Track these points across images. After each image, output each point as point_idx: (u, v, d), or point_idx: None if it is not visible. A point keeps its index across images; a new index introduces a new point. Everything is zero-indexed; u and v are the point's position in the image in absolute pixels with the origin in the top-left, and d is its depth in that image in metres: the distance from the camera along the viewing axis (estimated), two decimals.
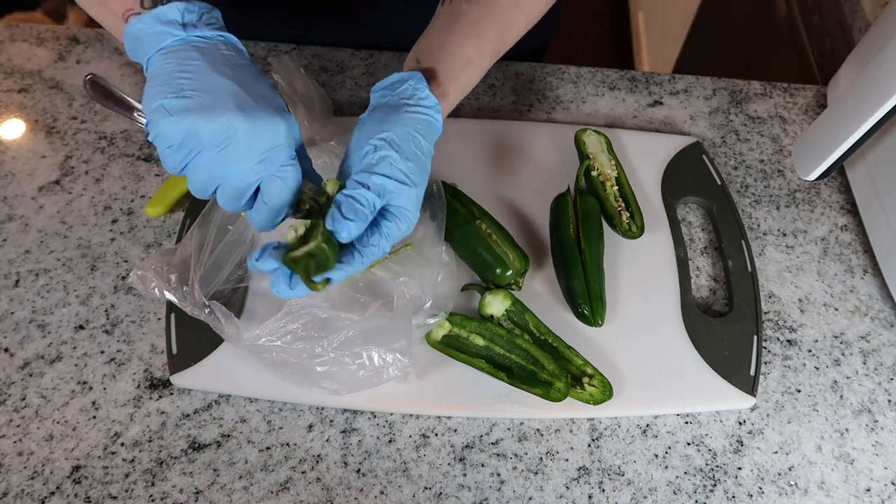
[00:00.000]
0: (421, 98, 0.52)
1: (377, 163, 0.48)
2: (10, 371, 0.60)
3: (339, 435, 0.58)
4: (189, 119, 0.43)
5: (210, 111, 0.43)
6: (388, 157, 0.48)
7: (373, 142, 0.49)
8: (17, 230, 0.68)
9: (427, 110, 0.52)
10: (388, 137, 0.49)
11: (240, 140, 0.44)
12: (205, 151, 0.44)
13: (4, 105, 0.78)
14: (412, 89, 0.52)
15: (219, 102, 0.43)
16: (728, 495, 0.57)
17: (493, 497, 0.56)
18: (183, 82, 0.44)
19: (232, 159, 0.44)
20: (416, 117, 0.51)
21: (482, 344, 0.60)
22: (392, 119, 0.50)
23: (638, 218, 0.68)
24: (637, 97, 0.83)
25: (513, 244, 0.64)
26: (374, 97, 0.54)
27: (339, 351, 0.55)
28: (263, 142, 0.45)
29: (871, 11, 0.88)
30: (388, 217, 0.49)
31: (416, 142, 0.50)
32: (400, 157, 0.49)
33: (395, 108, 0.52)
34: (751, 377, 0.61)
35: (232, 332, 0.56)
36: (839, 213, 0.74)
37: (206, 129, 0.43)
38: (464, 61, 0.56)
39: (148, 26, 0.45)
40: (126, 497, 0.55)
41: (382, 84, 0.54)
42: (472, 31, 0.56)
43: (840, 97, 0.61)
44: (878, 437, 0.60)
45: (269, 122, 0.45)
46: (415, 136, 0.50)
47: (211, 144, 0.43)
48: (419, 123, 0.51)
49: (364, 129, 0.51)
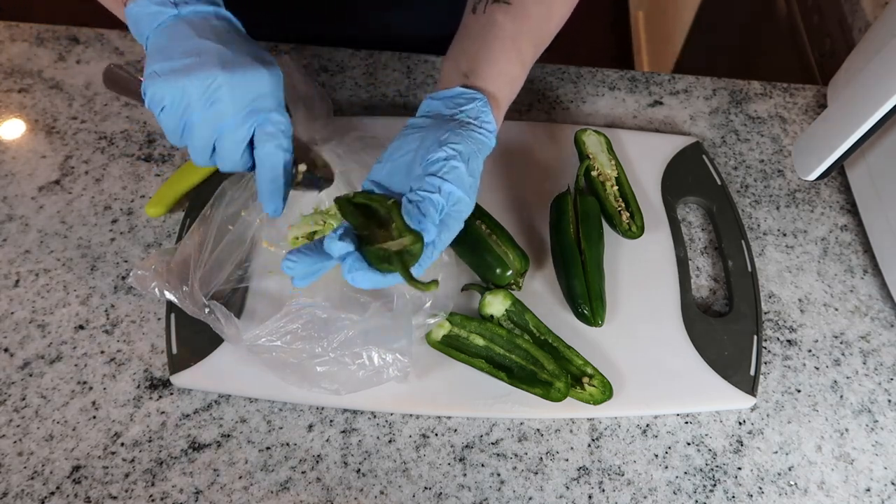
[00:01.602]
0: (485, 122, 0.53)
1: (449, 171, 0.48)
2: (10, 371, 0.60)
3: (339, 435, 0.58)
4: (175, 79, 0.46)
5: (194, 70, 0.46)
6: (458, 168, 0.49)
7: (446, 149, 0.49)
8: (17, 230, 0.68)
9: (489, 135, 0.53)
10: (460, 150, 0.49)
11: (224, 94, 0.46)
12: (195, 110, 0.46)
13: (4, 105, 0.78)
14: (478, 111, 0.53)
15: (203, 62, 0.46)
16: (728, 495, 0.57)
17: (493, 497, 0.56)
18: (172, 51, 0.47)
19: (222, 114, 0.47)
20: (480, 138, 0.52)
21: (482, 344, 0.60)
22: (462, 134, 0.51)
23: (638, 218, 0.68)
24: (637, 97, 0.83)
25: (513, 244, 0.64)
26: (431, 104, 0.54)
27: (339, 351, 0.55)
28: (247, 92, 0.47)
29: (871, 11, 0.88)
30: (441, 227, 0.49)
31: (478, 162, 0.51)
32: (466, 171, 0.49)
33: (462, 123, 0.52)
34: (751, 377, 0.61)
35: (232, 332, 0.56)
36: (839, 213, 0.74)
37: (192, 86, 0.46)
38: (510, 81, 0.56)
39: (143, 7, 0.48)
40: (126, 497, 0.55)
41: (443, 94, 0.54)
42: (513, 49, 0.56)
43: (840, 97, 0.61)
44: (878, 437, 0.60)
45: (251, 72, 0.47)
46: (478, 157, 0.51)
47: (199, 102, 0.46)
48: (482, 145, 0.52)
49: (429, 133, 0.51)
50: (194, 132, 0.48)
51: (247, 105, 0.47)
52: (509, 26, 0.56)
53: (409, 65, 0.83)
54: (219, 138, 0.48)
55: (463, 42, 0.57)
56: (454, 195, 0.48)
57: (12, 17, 0.89)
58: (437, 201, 0.47)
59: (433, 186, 0.48)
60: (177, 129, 0.48)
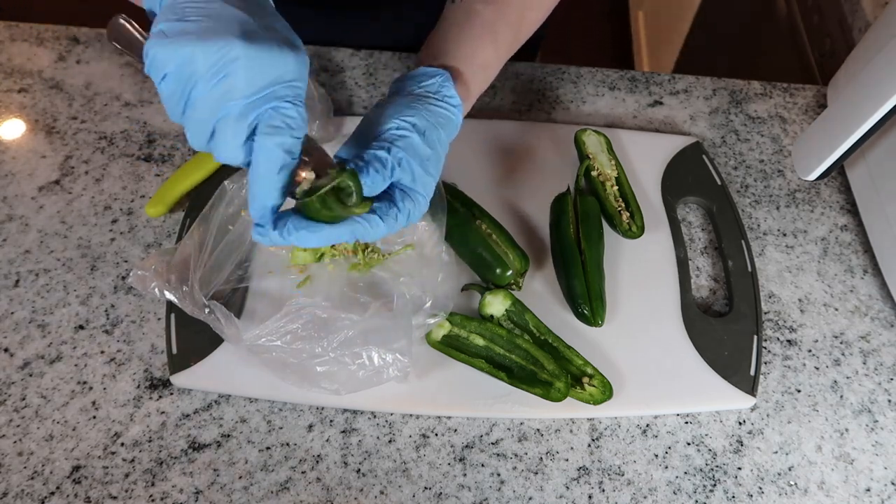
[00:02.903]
0: (447, 95, 0.52)
1: (398, 139, 0.48)
2: (10, 371, 0.60)
3: (339, 435, 0.58)
4: (185, 43, 0.38)
5: (209, 35, 0.39)
6: (410, 138, 0.48)
7: (397, 121, 0.49)
8: (17, 230, 0.68)
9: (452, 109, 0.52)
10: (413, 122, 0.49)
11: (238, 68, 0.39)
12: (200, 83, 0.39)
13: (4, 105, 0.78)
14: (438, 85, 0.52)
15: (221, 28, 0.39)
16: (728, 495, 0.57)
17: (493, 497, 0.56)
18: (188, 9, 0.40)
19: (231, 92, 0.40)
20: (440, 111, 0.51)
21: (482, 344, 0.60)
22: (418, 107, 0.50)
23: (638, 218, 0.68)
24: (637, 97, 0.83)
25: (513, 244, 0.64)
26: (395, 86, 0.54)
27: (339, 351, 0.55)
28: (266, 74, 0.40)
29: (871, 11, 0.88)
30: (402, 197, 0.49)
31: (438, 134, 0.50)
32: (422, 142, 0.49)
33: (420, 98, 0.51)
34: (751, 377, 0.61)
35: (232, 332, 0.56)
36: (839, 213, 0.74)
37: (203, 54, 0.38)
38: (482, 65, 0.56)
39: None
40: (126, 497, 0.55)
41: (406, 76, 0.54)
42: (488, 33, 0.56)
43: (840, 97, 0.61)
44: (878, 437, 0.60)
45: (276, 51, 0.40)
46: (437, 129, 0.50)
47: (207, 74, 0.39)
48: (442, 118, 0.51)
49: (386, 111, 0.50)
50: (196, 107, 0.40)
51: (262, 88, 0.40)
52: (487, 14, 0.56)
53: (409, 65, 0.83)
54: (221, 120, 0.41)
55: (439, 30, 0.58)
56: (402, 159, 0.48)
57: (12, 17, 0.89)
58: (383, 157, 0.47)
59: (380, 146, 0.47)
60: (179, 102, 0.40)
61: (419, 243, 0.62)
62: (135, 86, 0.80)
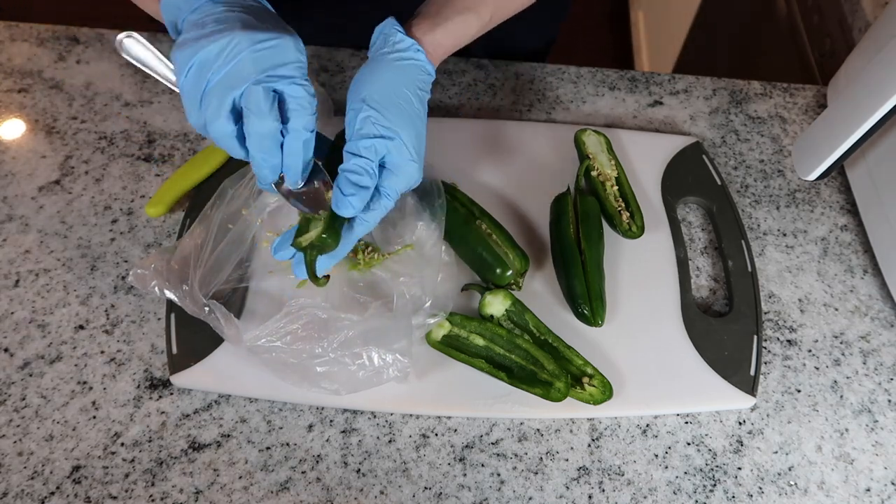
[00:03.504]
0: (395, 42, 0.51)
1: (361, 126, 0.48)
2: (10, 371, 0.60)
3: (339, 435, 0.58)
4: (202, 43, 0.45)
5: (217, 34, 0.45)
6: (368, 116, 0.48)
7: (353, 106, 0.49)
8: (17, 230, 0.68)
9: (402, 53, 0.51)
10: (365, 97, 0.49)
11: (242, 49, 0.45)
12: (213, 73, 0.45)
13: (4, 105, 0.78)
14: (384, 37, 0.52)
15: (227, 28, 0.46)
16: (728, 495, 0.57)
17: (493, 497, 0.56)
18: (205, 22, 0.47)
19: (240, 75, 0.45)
20: (391, 65, 0.50)
21: (482, 344, 0.60)
22: (366, 77, 0.50)
23: (638, 218, 0.68)
24: (637, 97, 0.83)
25: (513, 244, 0.64)
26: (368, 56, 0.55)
27: (339, 351, 0.55)
28: (267, 56, 0.45)
29: (871, 11, 0.88)
30: (385, 175, 0.49)
31: (396, 90, 0.50)
32: (380, 113, 0.48)
33: (370, 62, 0.51)
34: (751, 377, 0.61)
35: (232, 332, 0.56)
36: (839, 213, 0.74)
37: (214, 47, 0.45)
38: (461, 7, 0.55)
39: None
40: (126, 497, 0.55)
41: None
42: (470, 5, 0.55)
43: (840, 97, 0.61)
44: (878, 437, 0.60)
45: (272, 35, 0.46)
46: (393, 86, 0.49)
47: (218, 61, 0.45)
48: (393, 70, 0.50)
49: (348, 96, 0.51)
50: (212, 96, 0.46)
51: (266, 69, 0.45)
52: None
53: None
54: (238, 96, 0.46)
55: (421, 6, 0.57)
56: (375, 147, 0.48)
57: (12, 17, 0.89)
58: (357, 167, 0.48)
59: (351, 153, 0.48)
60: (196, 94, 0.46)
61: (419, 243, 0.62)
62: (135, 86, 0.80)
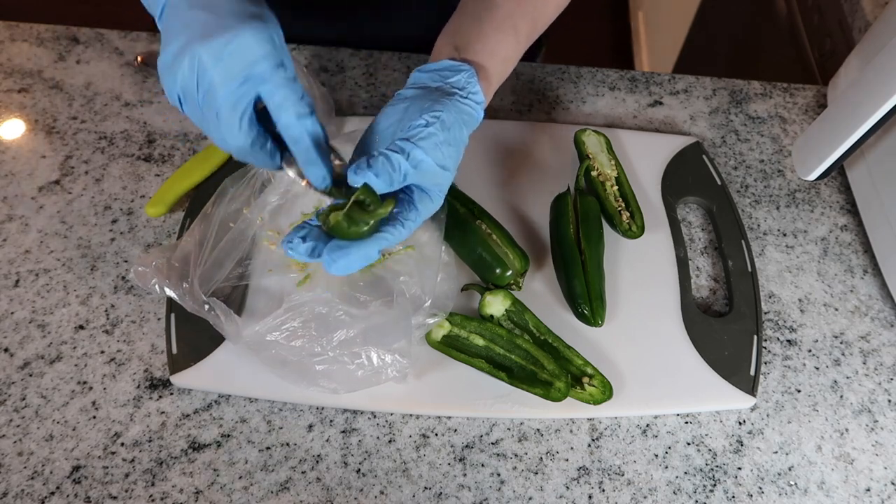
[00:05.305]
0: (472, 92, 0.52)
1: (424, 137, 0.48)
2: (10, 371, 0.60)
3: (339, 435, 0.58)
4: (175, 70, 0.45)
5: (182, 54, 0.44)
6: (435, 135, 0.48)
7: (426, 116, 0.49)
8: (17, 230, 0.68)
9: (476, 106, 0.52)
10: (442, 118, 0.49)
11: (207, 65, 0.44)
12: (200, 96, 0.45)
13: (4, 105, 0.78)
14: (464, 81, 0.52)
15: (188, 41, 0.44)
16: (728, 495, 0.57)
17: (493, 497, 0.56)
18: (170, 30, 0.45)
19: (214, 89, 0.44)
20: (464, 108, 0.51)
21: (482, 344, 0.60)
22: (446, 103, 0.50)
23: (638, 218, 0.68)
24: (637, 97, 0.83)
25: (513, 244, 0.64)
26: (418, 77, 0.54)
27: (339, 350, 0.55)
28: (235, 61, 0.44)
29: (871, 11, 0.88)
30: (421, 197, 0.49)
31: (461, 132, 0.51)
32: (445, 139, 0.49)
33: (447, 94, 0.51)
34: (751, 377, 0.61)
35: (231, 329, 0.56)
36: (839, 213, 0.74)
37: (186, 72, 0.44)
38: (502, 59, 0.56)
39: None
40: (126, 497, 0.55)
41: (430, 67, 0.54)
42: (509, 25, 0.56)
43: (840, 97, 0.61)
44: (878, 437, 0.60)
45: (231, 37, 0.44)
46: (460, 127, 0.50)
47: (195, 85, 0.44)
48: (467, 115, 0.51)
49: (414, 103, 0.50)
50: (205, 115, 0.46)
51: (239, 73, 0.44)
52: (506, 4, 0.56)
53: (409, 65, 0.83)
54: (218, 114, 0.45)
55: (458, 19, 0.57)
56: (424, 163, 0.48)
57: (12, 17, 0.89)
58: (397, 161, 0.47)
59: (399, 148, 0.47)
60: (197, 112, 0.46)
61: (419, 243, 0.62)
62: (135, 86, 0.80)
